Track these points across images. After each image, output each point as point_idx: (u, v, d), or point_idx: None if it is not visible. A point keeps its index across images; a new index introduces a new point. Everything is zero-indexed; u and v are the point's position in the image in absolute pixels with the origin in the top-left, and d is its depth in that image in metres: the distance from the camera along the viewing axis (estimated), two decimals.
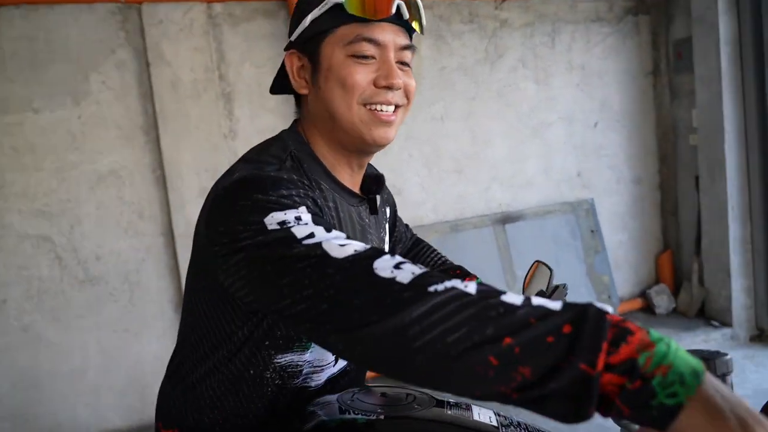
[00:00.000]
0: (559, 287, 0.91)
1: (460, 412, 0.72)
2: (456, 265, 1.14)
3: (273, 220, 0.61)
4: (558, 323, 0.47)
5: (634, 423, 0.46)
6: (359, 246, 0.58)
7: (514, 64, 3.31)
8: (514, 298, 0.50)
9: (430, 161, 3.21)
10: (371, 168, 1.00)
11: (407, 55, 0.81)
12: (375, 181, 0.93)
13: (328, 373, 0.82)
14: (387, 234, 1.02)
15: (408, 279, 0.52)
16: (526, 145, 3.39)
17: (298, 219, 0.61)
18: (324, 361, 0.80)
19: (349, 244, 0.58)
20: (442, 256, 1.17)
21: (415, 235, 1.23)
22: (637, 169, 3.66)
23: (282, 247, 0.59)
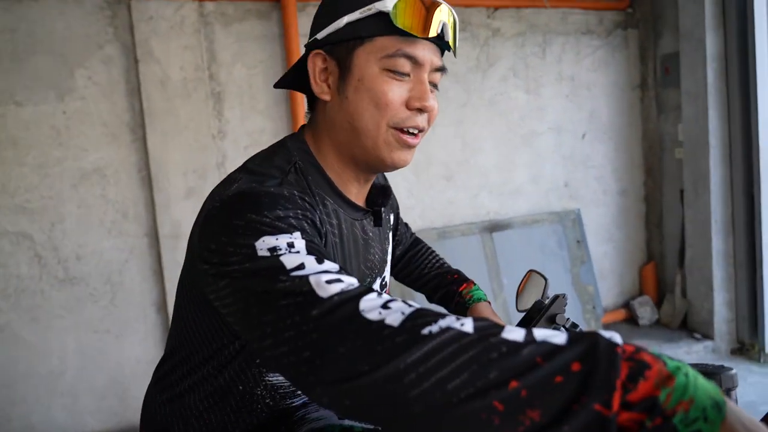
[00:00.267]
0: (558, 297, 0.89)
1: None
2: (453, 269, 1.13)
3: (264, 245, 0.58)
4: (567, 360, 0.44)
5: None
6: (347, 283, 0.54)
7: (505, 73, 3.33)
8: (515, 335, 0.46)
9: (419, 167, 3.20)
10: (382, 179, 0.97)
11: (438, 77, 0.77)
12: (381, 192, 0.89)
13: None
14: (390, 244, 0.99)
15: (399, 321, 0.48)
16: (516, 153, 3.40)
17: (291, 246, 0.58)
18: None
19: (337, 280, 0.54)
20: (440, 259, 1.16)
21: (414, 234, 1.21)
22: (624, 181, 3.70)
23: (268, 279, 0.55)
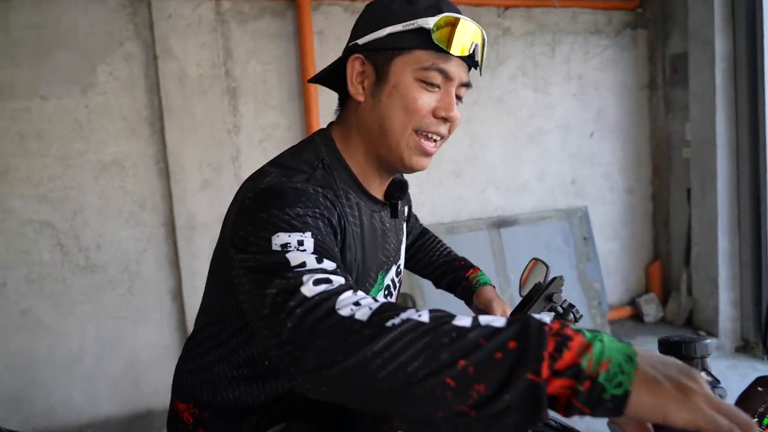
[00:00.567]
0: (556, 279, 0.97)
1: None
2: (460, 257, 1.20)
3: (278, 240, 0.66)
4: (504, 339, 0.51)
5: (594, 416, 0.50)
6: (333, 283, 0.61)
7: (514, 72, 3.38)
8: (464, 321, 0.54)
9: (430, 164, 3.26)
10: (400, 175, 1.03)
11: (463, 91, 0.85)
12: (399, 187, 0.97)
13: None
14: (404, 234, 1.07)
15: (366, 316, 0.56)
16: (523, 151, 3.45)
17: (300, 243, 0.66)
18: None
19: (326, 280, 0.61)
20: (447, 248, 1.24)
21: (422, 225, 1.29)
22: (631, 179, 3.74)
23: (273, 273, 0.63)
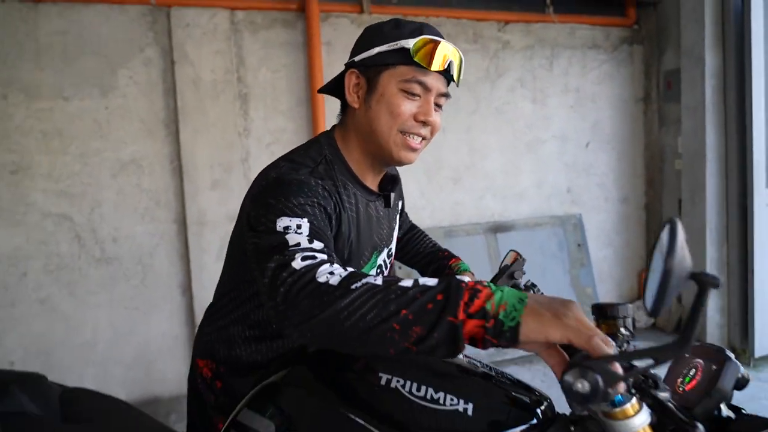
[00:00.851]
0: (518, 259, 1.12)
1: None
2: (443, 248, 1.34)
3: (281, 223, 0.82)
4: (434, 293, 0.68)
5: (501, 347, 0.65)
6: (317, 259, 0.77)
7: (513, 84, 3.53)
8: (407, 283, 0.71)
9: (430, 170, 3.41)
10: (392, 170, 1.19)
11: (442, 101, 1.00)
12: (391, 181, 1.13)
13: None
14: (397, 223, 1.22)
15: (337, 281, 0.72)
16: (521, 159, 3.59)
17: (298, 227, 0.82)
18: None
19: (312, 256, 0.77)
20: (432, 240, 1.38)
21: (411, 221, 1.43)
22: (625, 189, 3.87)
23: (274, 249, 0.79)
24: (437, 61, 0.93)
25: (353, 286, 0.70)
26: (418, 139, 0.99)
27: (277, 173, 0.92)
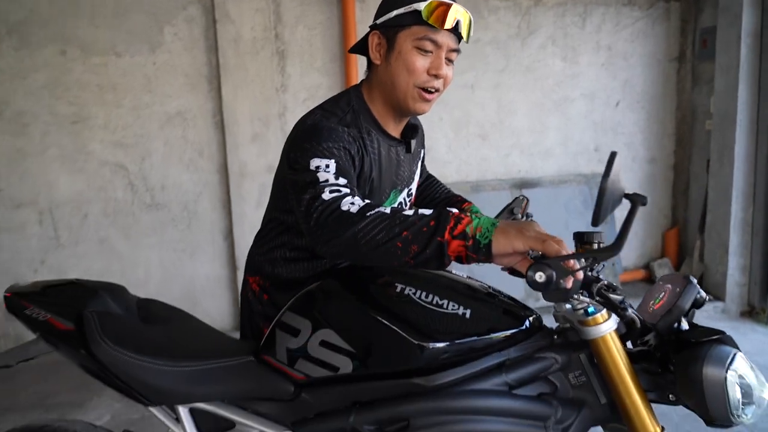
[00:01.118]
0: (518, 198, 1.30)
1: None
2: (457, 194, 1.50)
3: (313, 163, 1.01)
4: (428, 220, 0.86)
5: (481, 262, 0.83)
6: (339, 191, 0.95)
7: (544, 42, 3.56)
8: (409, 212, 0.89)
9: (458, 125, 3.52)
10: (415, 119, 1.34)
11: (453, 55, 1.14)
12: (412, 129, 1.29)
13: None
14: (418, 168, 1.38)
15: (356, 209, 0.91)
16: (548, 117, 3.66)
17: (327, 167, 1.00)
18: None
19: (337, 190, 0.95)
20: (445, 187, 1.55)
21: (428, 171, 1.59)
22: (653, 149, 3.89)
23: (308, 183, 0.98)
24: (446, 20, 1.07)
25: (368, 214, 0.89)
26: (432, 91, 1.14)
27: (312, 121, 1.10)
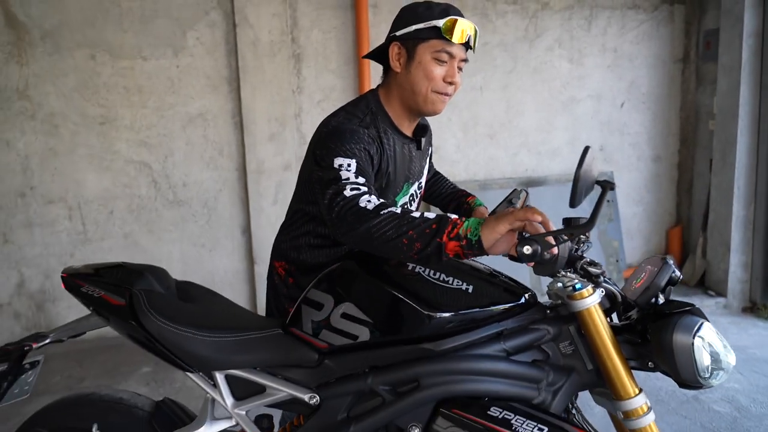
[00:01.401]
0: (515, 190, 1.43)
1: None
2: (460, 189, 1.64)
3: (337, 162, 1.14)
4: (431, 222, 1.00)
5: (477, 255, 0.95)
6: (359, 189, 1.08)
7: (551, 44, 3.67)
8: (416, 213, 1.02)
9: (467, 125, 3.65)
10: (424, 120, 1.49)
11: (463, 65, 1.30)
12: (422, 129, 1.44)
13: None
14: (427, 164, 1.53)
15: (372, 206, 1.04)
16: (556, 118, 3.77)
17: (349, 166, 1.13)
18: None
19: (356, 188, 1.08)
20: (450, 183, 1.68)
21: (434, 168, 1.73)
22: (658, 148, 3.99)
23: (331, 179, 1.11)
24: (460, 35, 1.22)
25: (382, 212, 1.03)
26: (445, 96, 1.29)
27: (336, 122, 1.24)
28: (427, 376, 1.04)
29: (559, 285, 1.06)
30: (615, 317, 1.14)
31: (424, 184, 1.51)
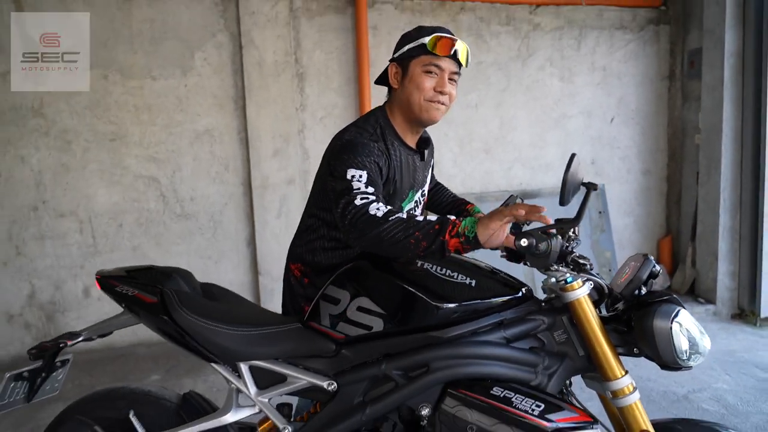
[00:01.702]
0: (511, 196, 1.56)
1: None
2: (460, 197, 1.77)
3: (349, 173, 1.26)
4: (434, 224, 1.14)
5: (475, 249, 1.09)
6: (369, 199, 1.20)
7: (543, 63, 3.85)
8: (420, 217, 1.16)
9: (463, 141, 3.79)
10: (426, 134, 1.62)
11: (455, 77, 1.43)
12: (425, 142, 1.58)
13: None
14: (429, 174, 1.66)
15: (381, 213, 1.17)
16: (548, 133, 3.92)
17: (360, 177, 1.25)
18: None
19: (366, 197, 1.20)
20: (450, 192, 1.81)
21: (435, 179, 1.86)
22: (647, 162, 4.15)
23: (344, 189, 1.23)
24: (445, 49, 1.37)
25: (390, 218, 1.17)
26: (438, 105, 1.42)
27: (349, 136, 1.37)
28: (436, 361, 1.15)
29: (553, 280, 1.18)
30: (603, 309, 1.26)
31: (427, 192, 1.64)
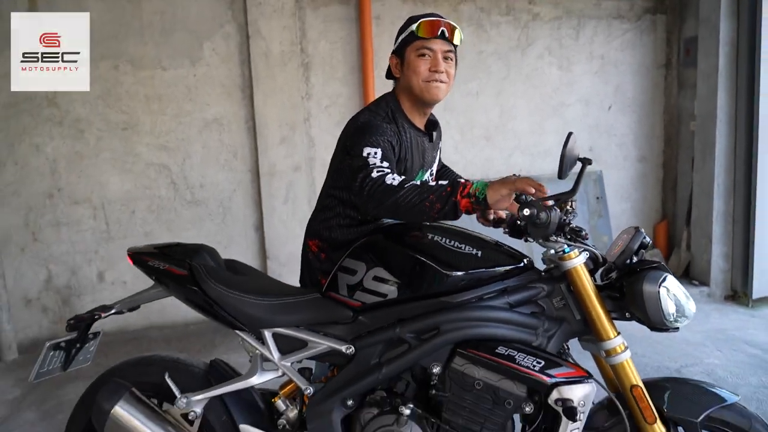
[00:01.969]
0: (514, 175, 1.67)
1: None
2: (466, 179, 1.87)
3: (365, 151, 1.36)
4: (446, 187, 1.24)
5: (484, 208, 1.19)
6: (384, 171, 1.31)
7: (542, 52, 3.93)
8: (432, 183, 1.26)
9: (464, 129, 3.89)
10: (434, 117, 1.73)
11: (450, 55, 1.53)
12: (433, 124, 1.69)
13: None
14: (437, 155, 1.77)
15: (396, 183, 1.27)
16: (547, 121, 4.02)
17: (375, 154, 1.36)
18: None
19: (382, 171, 1.31)
20: (458, 175, 1.91)
21: (442, 161, 1.96)
22: (644, 149, 4.25)
23: (361, 166, 1.33)
24: (431, 31, 1.47)
25: (405, 186, 1.28)
26: (437, 83, 1.51)
27: (363, 119, 1.49)
28: (446, 324, 1.27)
29: (552, 252, 1.29)
30: (598, 278, 1.37)
31: (435, 172, 1.75)
